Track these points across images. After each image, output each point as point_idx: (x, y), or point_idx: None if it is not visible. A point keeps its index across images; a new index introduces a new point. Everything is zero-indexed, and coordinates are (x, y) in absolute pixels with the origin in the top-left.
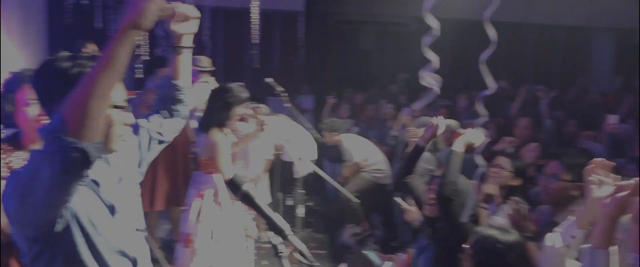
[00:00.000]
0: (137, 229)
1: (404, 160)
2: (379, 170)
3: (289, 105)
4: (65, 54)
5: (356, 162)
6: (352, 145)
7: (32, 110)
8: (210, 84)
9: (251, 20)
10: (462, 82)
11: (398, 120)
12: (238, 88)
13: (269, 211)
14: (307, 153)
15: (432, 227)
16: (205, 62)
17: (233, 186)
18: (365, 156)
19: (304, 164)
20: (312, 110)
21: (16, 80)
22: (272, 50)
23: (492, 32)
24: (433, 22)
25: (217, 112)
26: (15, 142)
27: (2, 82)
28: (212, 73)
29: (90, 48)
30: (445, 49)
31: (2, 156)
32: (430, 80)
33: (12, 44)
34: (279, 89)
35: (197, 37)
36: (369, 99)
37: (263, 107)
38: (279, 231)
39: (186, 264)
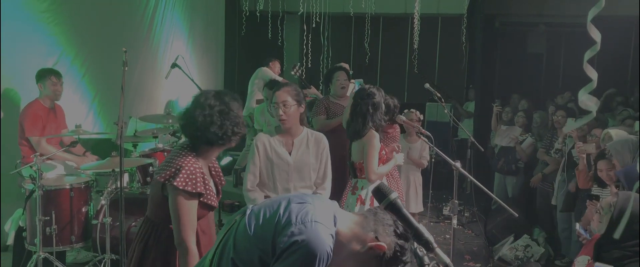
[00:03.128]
0: None
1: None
2: None
3: (446, 111)
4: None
5: None
6: None
7: None
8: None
9: (413, 25)
10: None
11: (563, 132)
12: (391, 99)
13: (415, 222)
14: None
15: (598, 250)
16: (346, 67)
17: (379, 194)
18: None
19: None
20: (475, 115)
21: None
22: (433, 55)
23: None
24: (596, 34)
25: (369, 117)
26: None
27: None
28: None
29: (276, 65)
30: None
31: None
32: (587, 102)
33: (196, 53)
34: (437, 94)
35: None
36: (537, 105)
37: (417, 113)
38: (425, 243)
39: None
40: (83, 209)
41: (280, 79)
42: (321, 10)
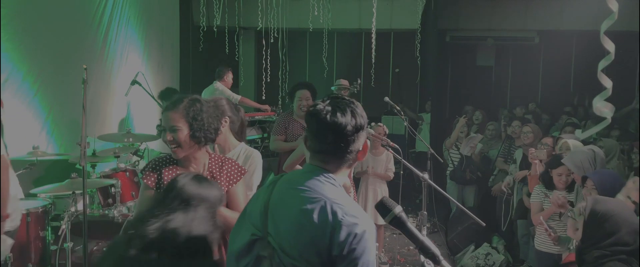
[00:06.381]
0: None
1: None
2: None
3: (405, 123)
4: None
5: None
6: None
7: None
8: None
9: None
10: None
11: (520, 140)
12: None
13: (420, 235)
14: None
15: (579, 254)
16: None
17: (384, 208)
18: None
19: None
20: (431, 127)
21: None
22: (387, 69)
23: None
24: (609, 45)
25: None
26: None
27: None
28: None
29: (229, 75)
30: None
31: None
32: (603, 109)
33: (152, 69)
34: (396, 107)
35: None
36: (488, 116)
37: (384, 126)
38: (431, 256)
39: None
40: (41, 234)
41: (237, 96)
42: (279, 26)
